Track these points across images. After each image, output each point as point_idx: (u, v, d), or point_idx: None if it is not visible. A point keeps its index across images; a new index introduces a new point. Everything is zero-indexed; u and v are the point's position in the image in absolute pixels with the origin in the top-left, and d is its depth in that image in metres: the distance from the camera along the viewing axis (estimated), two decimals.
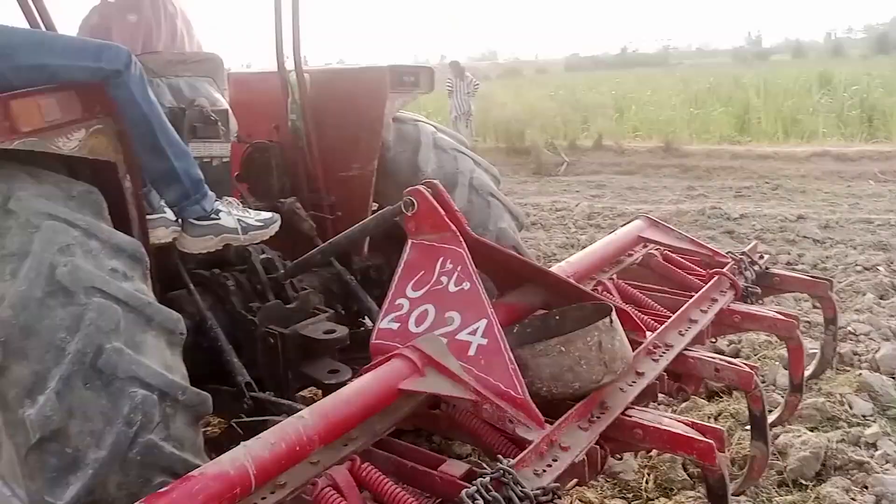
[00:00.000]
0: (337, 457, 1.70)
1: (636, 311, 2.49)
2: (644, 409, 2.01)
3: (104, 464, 1.65)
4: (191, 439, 1.83)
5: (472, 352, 1.93)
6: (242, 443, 1.55)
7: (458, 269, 2.08)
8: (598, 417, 1.92)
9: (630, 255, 2.95)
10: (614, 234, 2.99)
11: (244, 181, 3.15)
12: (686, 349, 2.30)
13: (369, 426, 1.83)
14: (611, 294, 2.61)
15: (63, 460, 1.63)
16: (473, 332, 1.96)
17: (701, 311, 2.53)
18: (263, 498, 1.56)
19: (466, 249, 2.10)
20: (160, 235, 2.31)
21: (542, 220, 7.97)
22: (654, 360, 2.20)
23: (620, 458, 2.75)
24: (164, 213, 2.33)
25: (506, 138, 13.65)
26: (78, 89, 2.04)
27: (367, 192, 2.97)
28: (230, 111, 2.80)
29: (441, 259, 2.11)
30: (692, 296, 2.60)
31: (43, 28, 2.29)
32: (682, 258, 2.95)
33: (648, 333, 2.28)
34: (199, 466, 1.75)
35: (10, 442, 1.74)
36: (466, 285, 2.04)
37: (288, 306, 2.59)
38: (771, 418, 2.66)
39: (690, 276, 2.83)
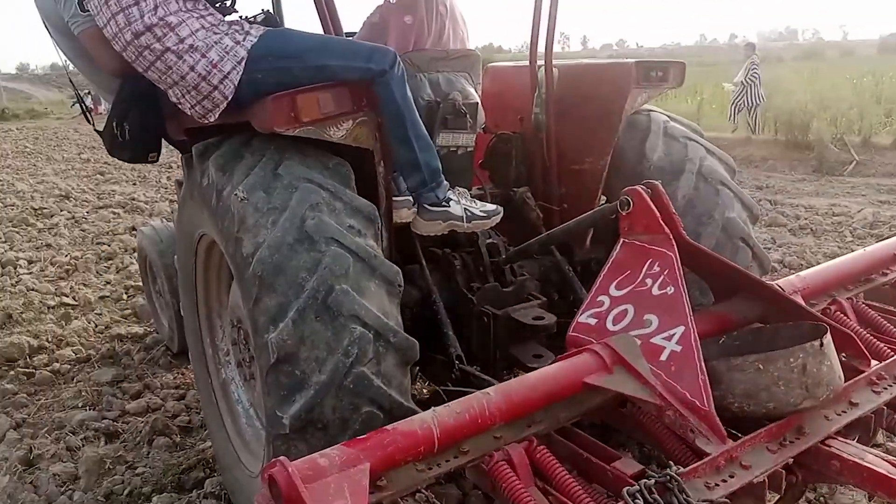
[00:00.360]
0: (518, 435, 1.85)
1: (871, 338, 2.29)
2: (847, 441, 1.88)
3: (323, 386, 1.96)
4: (398, 379, 2.09)
5: (664, 357, 1.95)
6: (432, 408, 1.78)
7: (665, 272, 2.10)
8: (792, 442, 1.85)
9: (885, 275, 2.68)
10: (869, 249, 2.73)
11: (486, 168, 3.38)
12: None
13: (554, 412, 1.95)
14: (845, 315, 2.42)
15: (292, 380, 1.98)
16: (669, 338, 1.98)
17: None
18: (447, 460, 1.75)
19: (677, 254, 2.11)
20: (402, 216, 2.61)
21: (814, 225, 7.26)
22: (874, 391, 2.03)
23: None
24: (408, 196, 2.64)
25: (787, 130, 12.49)
26: (350, 86, 2.39)
27: (597, 187, 3.03)
28: (480, 104, 3.03)
29: (649, 261, 2.15)
30: None
31: (332, 31, 2.68)
32: None
33: (874, 363, 2.10)
34: (403, 406, 2.04)
35: (257, 365, 2.17)
36: (670, 290, 2.06)
37: (505, 289, 2.78)
38: None
39: None
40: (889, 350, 2.22)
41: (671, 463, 1.68)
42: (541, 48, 3.19)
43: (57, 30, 2.83)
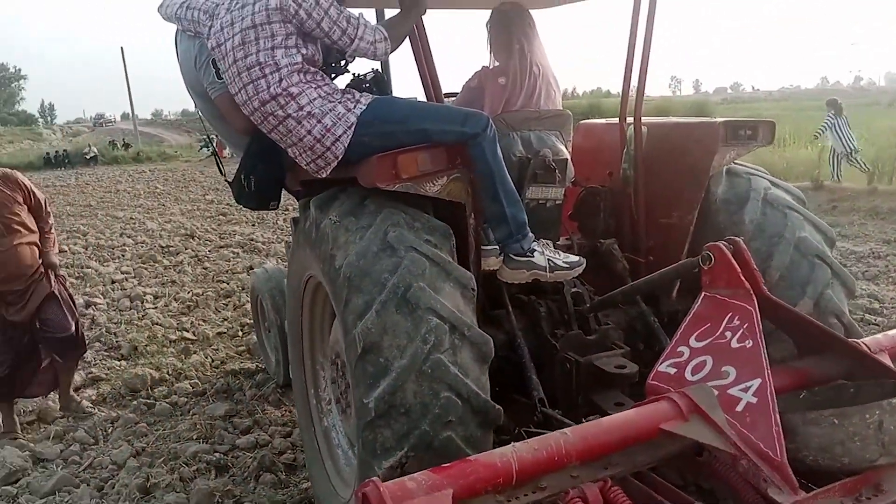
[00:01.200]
0: (594, 476, 1.97)
1: None
2: None
3: (404, 370, 2.19)
4: (475, 372, 2.31)
5: (739, 407, 2.03)
6: (512, 443, 1.94)
7: (745, 326, 2.18)
8: (869, 498, 1.87)
9: None
10: None
11: (575, 220, 3.55)
12: None
13: (631, 456, 2.06)
14: None
15: (376, 367, 2.23)
16: (745, 390, 2.06)
17: None
18: (525, 494, 1.90)
19: (757, 308, 2.19)
20: (490, 264, 2.81)
21: None
22: None
23: None
24: (496, 246, 2.84)
25: None
26: (445, 147, 2.65)
27: (684, 241, 3.12)
28: (569, 161, 3.22)
29: (730, 314, 2.24)
30: None
31: (433, 94, 2.96)
32: None
33: None
34: (480, 397, 2.26)
35: (346, 361, 2.44)
36: (749, 343, 2.14)
37: (588, 337, 2.92)
38: None
39: None
40: None
41: None
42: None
43: (196, 92, 3.25)
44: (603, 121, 3.92)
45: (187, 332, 6.29)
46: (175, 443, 4.13)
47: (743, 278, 2.24)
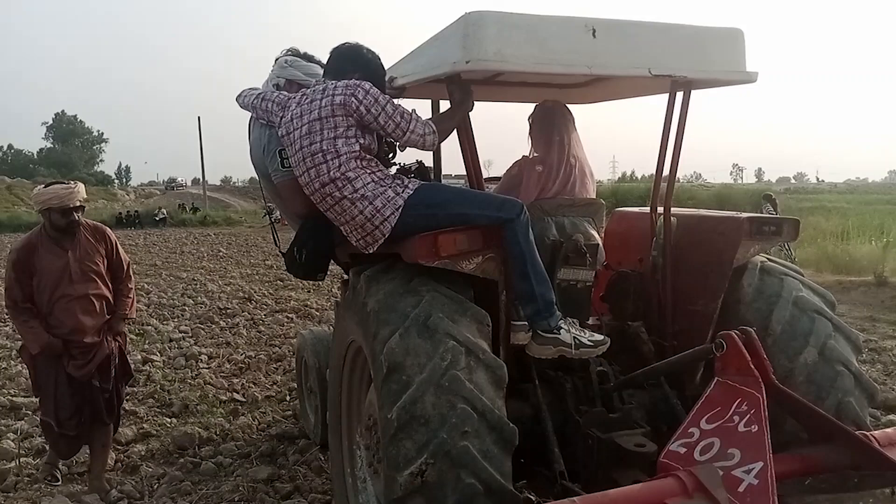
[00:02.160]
0: None
1: None
2: None
3: (423, 383, 2.47)
4: (489, 393, 2.56)
5: (741, 488, 2.18)
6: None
7: (752, 412, 2.34)
8: None
9: None
10: None
11: (605, 301, 3.75)
12: None
13: None
14: None
15: (399, 385, 2.50)
16: (748, 472, 2.20)
17: None
18: None
19: (764, 396, 2.35)
20: (519, 338, 3.02)
21: None
22: None
23: None
24: (525, 322, 3.06)
25: None
26: (482, 229, 2.93)
27: (708, 327, 3.27)
28: (600, 246, 3.46)
29: (739, 399, 2.40)
30: None
31: (475, 178, 3.26)
32: None
33: None
34: (494, 412, 2.51)
35: (374, 385, 2.71)
36: (754, 428, 2.30)
37: (611, 415, 3.07)
38: None
39: None
40: None
41: None
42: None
43: (261, 173, 3.65)
44: (636, 209, 4.15)
45: (237, 393, 6.50)
46: (217, 503, 4.25)
47: (752, 366, 2.40)
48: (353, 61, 3.22)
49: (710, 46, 3.16)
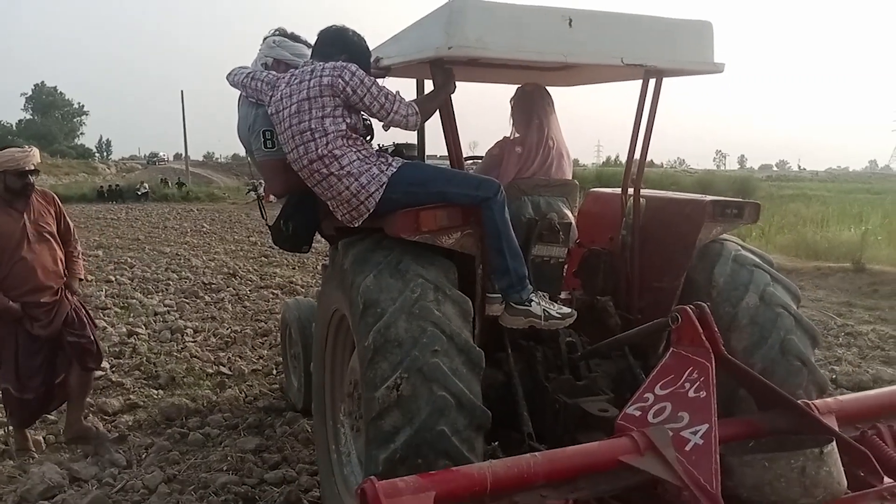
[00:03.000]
0: (561, 497, 2.36)
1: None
2: None
3: (396, 311, 2.77)
4: (457, 321, 2.85)
5: (688, 447, 2.40)
6: (489, 460, 2.36)
7: (702, 379, 2.57)
8: None
9: None
10: None
11: (577, 277, 4.00)
12: None
13: (595, 483, 2.44)
14: (882, 440, 2.74)
15: (374, 317, 2.78)
16: (695, 433, 2.43)
17: None
18: (499, 501, 2.32)
19: (713, 365, 2.58)
20: (493, 310, 3.24)
21: None
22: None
23: None
24: (499, 294, 3.28)
25: None
26: (461, 207, 3.14)
27: (670, 303, 3.49)
28: (573, 224, 3.69)
29: (690, 368, 2.63)
30: None
31: (455, 156, 3.46)
32: None
33: (888, 480, 2.44)
34: (462, 337, 2.82)
35: (352, 325, 2.97)
36: (703, 394, 2.53)
37: (578, 382, 3.33)
38: None
39: None
40: None
41: None
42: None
43: (247, 150, 3.85)
44: (609, 190, 4.38)
45: (224, 366, 6.65)
46: (205, 472, 4.36)
47: (704, 338, 2.63)
48: (340, 43, 3.40)
49: (681, 38, 3.37)
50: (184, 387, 6.10)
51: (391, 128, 3.35)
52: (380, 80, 3.40)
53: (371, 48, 3.59)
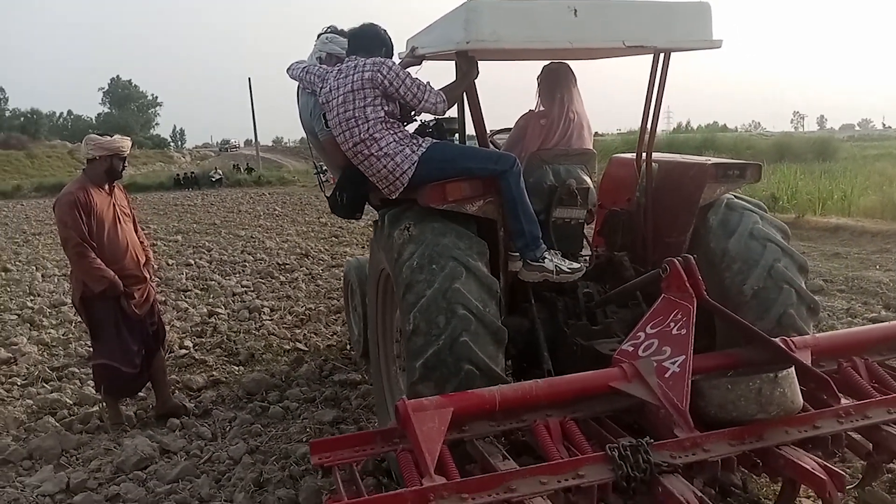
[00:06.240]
0: (561, 415, 3.00)
1: (868, 388, 3.12)
2: (794, 448, 2.77)
3: (434, 292, 3.36)
4: (485, 300, 3.42)
5: (667, 374, 2.99)
6: (499, 385, 3.01)
7: (684, 319, 3.14)
8: (751, 442, 2.78)
9: None
10: (892, 323, 3.51)
11: (601, 236, 4.63)
12: (886, 424, 2.89)
13: (592, 405, 3.08)
14: (857, 372, 3.25)
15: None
16: (674, 363, 3.01)
17: None
18: (511, 422, 2.96)
19: (694, 308, 3.14)
20: (514, 267, 3.87)
21: None
22: (838, 421, 2.88)
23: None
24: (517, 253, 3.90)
25: None
26: (482, 179, 3.78)
27: (678, 255, 4.05)
28: (591, 188, 4.26)
29: (676, 311, 3.20)
30: None
31: (481, 133, 4.09)
32: None
33: (844, 401, 2.96)
34: (489, 317, 3.39)
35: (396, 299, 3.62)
36: (683, 331, 3.10)
37: (594, 327, 3.95)
38: None
39: None
40: (880, 399, 3.03)
41: (648, 437, 2.72)
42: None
43: (309, 132, 4.61)
44: (630, 155, 4.91)
45: (300, 343, 7.16)
46: (286, 444, 4.69)
47: (688, 285, 3.18)
48: (378, 40, 4.13)
49: (680, 19, 3.86)
50: (263, 363, 6.59)
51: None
52: (414, 67, 4.07)
53: (406, 37, 4.24)
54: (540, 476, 2.54)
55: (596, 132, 4.80)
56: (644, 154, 4.44)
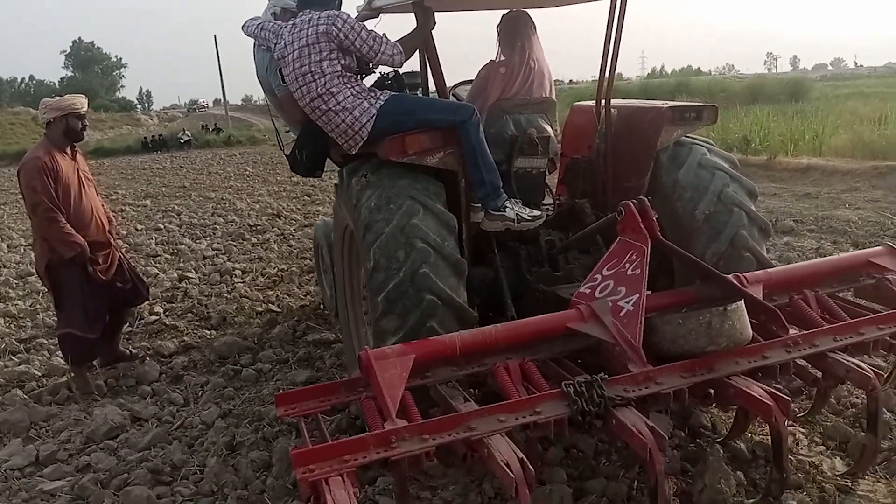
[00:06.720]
0: (521, 357, 3.11)
1: (818, 318, 3.27)
2: (744, 378, 2.92)
3: (392, 228, 3.48)
4: (443, 233, 3.54)
5: (622, 314, 3.10)
6: (459, 331, 3.12)
7: (638, 260, 3.25)
8: (703, 374, 2.91)
9: (861, 278, 3.60)
10: (842, 255, 3.66)
11: (564, 184, 4.72)
12: (832, 351, 3.04)
13: (550, 346, 3.19)
14: (808, 304, 3.39)
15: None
16: (628, 301, 3.13)
17: (878, 327, 3.15)
18: (472, 366, 3.07)
19: (648, 248, 3.24)
20: (476, 217, 3.95)
21: None
22: (786, 351, 3.03)
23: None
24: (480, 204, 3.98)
25: None
26: (441, 130, 3.83)
27: None
28: (552, 137, 4.33)
29: (631, 252, 3.30)
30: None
31: (440, 86, 4.13)
32: None
33: (793, 331, 3.10)
34: (447, 249, 3.53)
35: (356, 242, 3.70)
36: (637, 271, 3.21)
37: (556, 273, 4.06)
38: None
39: None
40: (827, 328, 3.17)
41: (603, 373, 2.85)
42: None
43: (266, 90, 4.63)
44: (589, 103, 4.97)
45: (272, 304, 7.13)
46: (259, 406, 4.68)
47: (643, 227, 3.28)
48: None
49: None
50: (235, 326, 6.56)
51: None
52: (373, 21, 4.08)
53: None
54: (498, 414, 2.66)
55: (571, 80, 4.88)
56: (603, 101, 4.50)
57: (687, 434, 3.74)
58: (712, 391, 2.94)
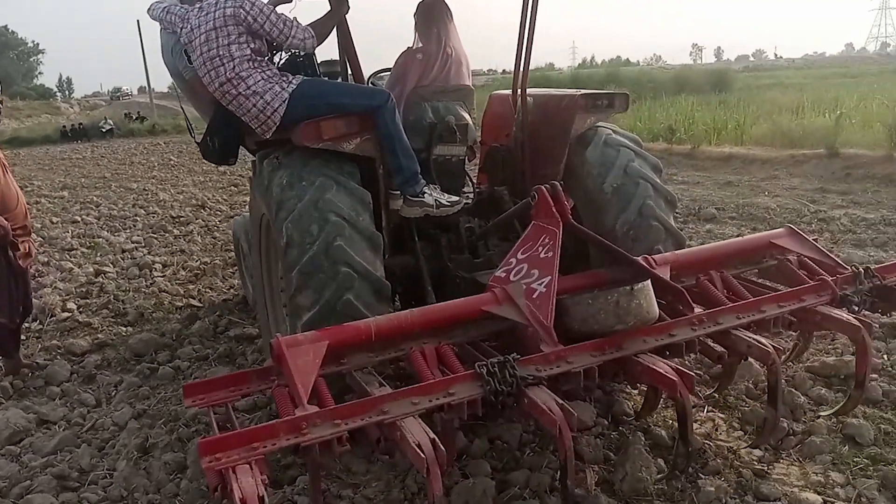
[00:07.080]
0: (437, 342, 3.15)
1: (721, 297, 3.40)
2: (651, 355, 3.02)
3: (305, 203, 3.47)
4: (357, 208, 3.57)
5: (535, 295, 3.17)
6: (374, 316, 3.13)
7: (551, 243, 3.32)
8: (611, 353, 3.00)
9: (763, 259, 3.77)
10: (746, 238, 3.82)
11: (484, 172, 4.79)
12: (736, 329, 3.17)
13: (466, 330, 3.24)
14: (713, 284, 3.53)
15: (286, 211, 3.49)
16: (540, 283, 3.20)
17: (778, 305, 3.30)
18: (389, 352, 3.09)
19: (560, 232, 3.31)
20: (395, 205, 3.98)
21: None
22: (692, 329, 3.14)
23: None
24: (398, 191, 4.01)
25: None
26: (357, 115, 3.83)
27: None
28: (470, 125, 4.39)
29: (544, 236, 3.37)
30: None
31: (357, 73, 4.12)
32: (814, 266, 3.63)
33: (698, 309, 3.23)
34: (362, 224, 3.54)
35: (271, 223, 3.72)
36: (549, 254, 3.28)
37: (476, 260, 4.13)
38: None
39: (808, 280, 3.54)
40: (730, 307, 3.31)
41: (515, 353, 2.90)
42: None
43: (173, 74, 4.54)
44: (507, 92, 5.05)
45: (193, 299, 6.95)
46: (176, 405, 4.50)
47: (555, 211, 3.36)
48: None
49: None
50: (153, 322, 6.37)
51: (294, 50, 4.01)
52: (287, 5, 4.04)
53: None
54: (412, 397, 2.68)
55: (504, 69, 4.96)
56: (519, 90, 4.58)
57: (610, 422, 3.81)
58: (621, 369, 3.03)
